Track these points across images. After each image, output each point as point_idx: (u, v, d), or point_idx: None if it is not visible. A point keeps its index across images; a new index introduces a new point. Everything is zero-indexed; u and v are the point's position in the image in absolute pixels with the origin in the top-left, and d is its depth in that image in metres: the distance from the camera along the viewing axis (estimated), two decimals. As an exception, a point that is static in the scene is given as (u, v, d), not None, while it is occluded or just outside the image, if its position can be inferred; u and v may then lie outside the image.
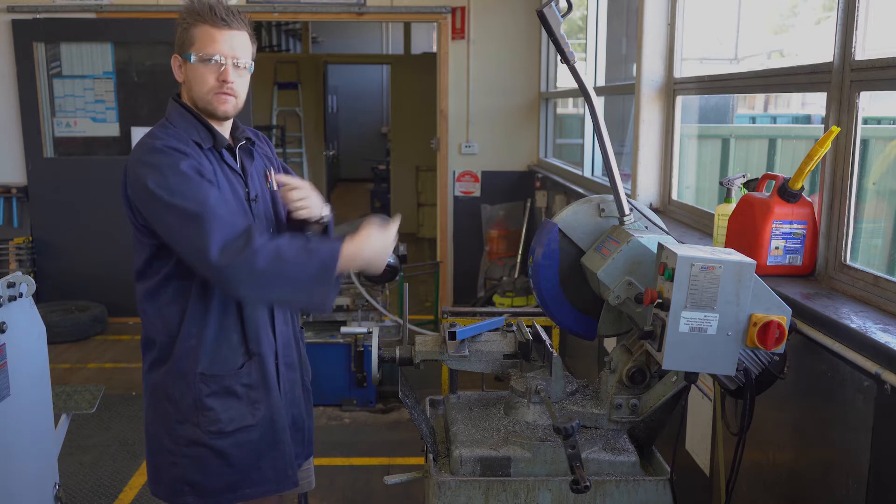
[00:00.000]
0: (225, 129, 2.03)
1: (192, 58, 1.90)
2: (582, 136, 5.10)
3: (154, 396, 2.02)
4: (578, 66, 1.92)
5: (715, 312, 1.62)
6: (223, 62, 1.91)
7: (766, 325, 1.60)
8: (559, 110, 6.37)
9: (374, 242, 1.90)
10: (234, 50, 1.93)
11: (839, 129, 2.08)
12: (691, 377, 1.72)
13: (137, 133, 6.11)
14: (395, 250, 2.05)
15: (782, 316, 1.62)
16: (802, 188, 2.18)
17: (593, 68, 4.91)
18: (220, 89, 1.92)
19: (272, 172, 2.14)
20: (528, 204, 6.34)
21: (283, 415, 2.07)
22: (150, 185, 1.82)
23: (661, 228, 2.03)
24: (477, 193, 6.58)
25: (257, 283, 1.80)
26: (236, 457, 2.00)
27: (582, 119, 5.30)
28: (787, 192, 2.17)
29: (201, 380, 1.96)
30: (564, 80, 6.02)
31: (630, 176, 3.75)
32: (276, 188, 2.12)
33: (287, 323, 2.11)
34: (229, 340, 1.98)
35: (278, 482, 2.07)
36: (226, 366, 1.98)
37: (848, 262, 2.14)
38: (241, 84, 1.96)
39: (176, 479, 2.00)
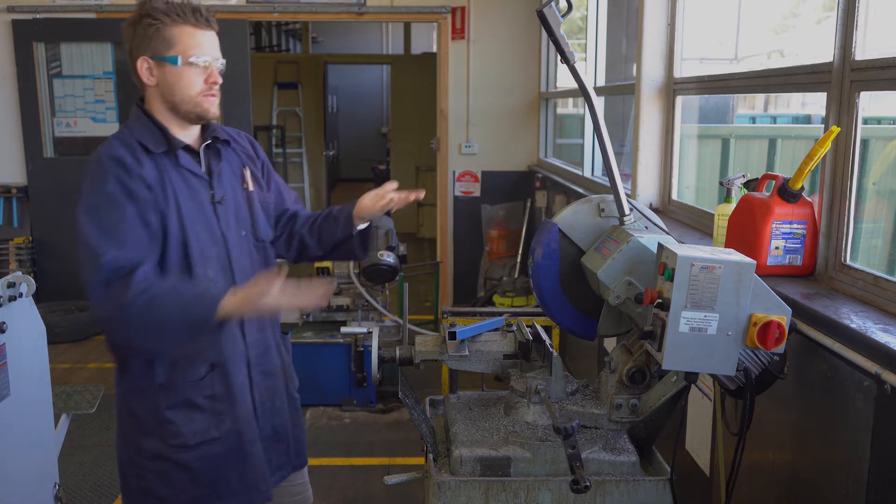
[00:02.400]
0: (190, 132, 1.96)
1: (179, 60, 1.85)
2: (582, 136, 5.10)
3: (120, 408, 1.99)
4: (578, 66, 1.92)
5: (715, 312, 1.61)
6: (211, 63, 1.89)
7: (766, 325, 1.60)
8: (559, 110, 6.37)
9: (256, 299, 1.76)
10: (216, 50, 1.92)
11: (839, 129, 2.08)
12: (691, 377, 1.72)
13: (137, 133, 6.10)
14: (395, 250, 2.04)
15: (782, 316, 1.62)
16: (802, 188, 2.18)
17: (593, 68, 4.91)
18: (210, 91, 1.90)
19: (249, 172, 2.07)
20: (528, 204, 6.34)
21: (252, 426, 1.99)
22: (80, 198, 1.82)
23: (661, 228, 2.03)
24: (477, 193, 6.58)
25: (127, 334, 1.79)
26: (200, 470, 1.94)
27: (582, 119, 5.30)
28: (787, 192, 2.17)
29: (160, 392, 1.90)
30: (564, 80, 6.02)
31: (630, 176, 3.75)
32: (251, 189, 2.05)
33: (263, 330, 2.03)
34: None
35: (248, 496, 2.00)
36: (185, 377, 1.91)
37: (848, 262, 2.14)
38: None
39: (144, 492, 1.96)
